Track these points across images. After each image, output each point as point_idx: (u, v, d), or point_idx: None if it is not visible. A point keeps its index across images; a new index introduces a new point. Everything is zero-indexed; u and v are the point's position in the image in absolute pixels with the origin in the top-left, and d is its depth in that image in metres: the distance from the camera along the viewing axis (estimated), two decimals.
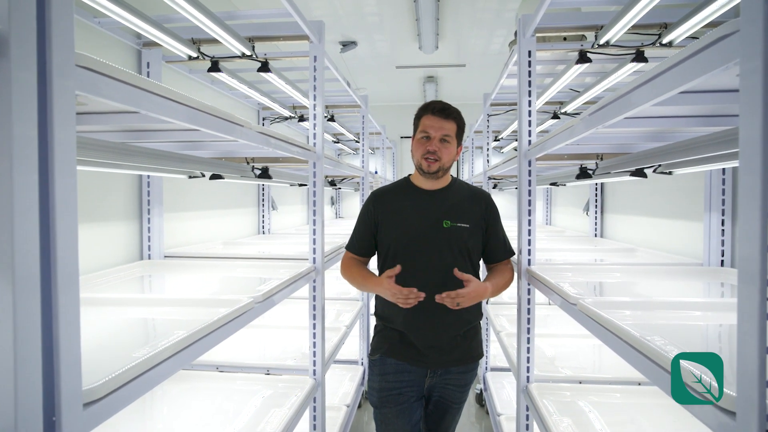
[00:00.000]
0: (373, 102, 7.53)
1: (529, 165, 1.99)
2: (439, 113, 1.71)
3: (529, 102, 1.99)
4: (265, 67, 2.40)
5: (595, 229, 3.74)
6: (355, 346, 3.98)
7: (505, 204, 7.15)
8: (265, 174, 2.38)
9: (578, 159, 2.19)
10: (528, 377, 2.00)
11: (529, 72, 1.98)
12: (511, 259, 1.93)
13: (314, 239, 2.11)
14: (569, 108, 3.44)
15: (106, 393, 0.83)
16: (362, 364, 3.84)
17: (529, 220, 1.99)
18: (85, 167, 1.40)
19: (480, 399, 3.62)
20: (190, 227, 2.97)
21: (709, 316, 1.40)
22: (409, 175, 1.89)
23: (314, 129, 2.10)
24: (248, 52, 2.26)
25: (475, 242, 1.78)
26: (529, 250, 2.00)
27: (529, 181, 1.99)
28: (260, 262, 2.28)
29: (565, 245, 3.23)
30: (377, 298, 1.84)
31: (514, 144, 6.32)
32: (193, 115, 1.15)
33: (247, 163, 2.32)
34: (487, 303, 3.54)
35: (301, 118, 4.24)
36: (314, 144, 2.11)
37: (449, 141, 1.73)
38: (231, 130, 1.34)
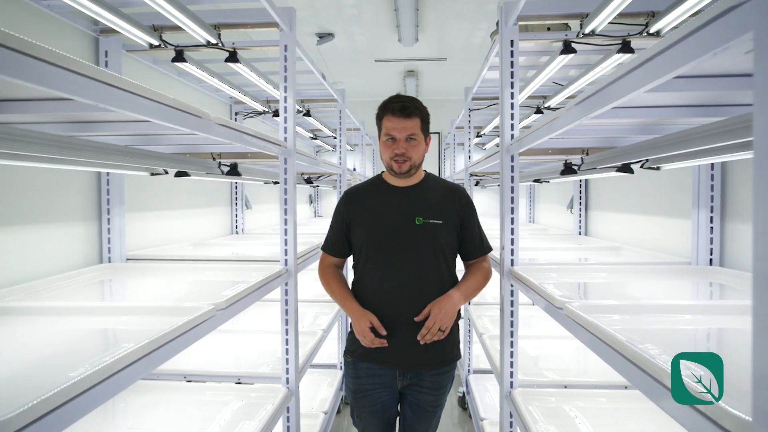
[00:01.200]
0: (352, 97, 7.37)
1: (512, 160, 1.90)
2: (400, 113, 1.65)
3: (512, 94, 1.90)
4: (233, 57, 2.26)
5: (580, 227, 3.69)
6: (334, 349, 3.86)
7: (487, 201, 7.09)
8: (233, 171, 2.24)
9: (563, 154, 2.11)
10: (512, 382, 1.92)
11: (512, 63, 1.88)
12: (494, 257, 1.83)
13: (285, 240, 1.99)
14: (553, 102, 3.36)
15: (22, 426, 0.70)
16: (341, 368, 3.72)
17: (512, 218, 1.90)
18: (18, 162, 1.25)
19: (462, 402, 3.54)
20: (156, 228, 2.81)
21: (702, 320, 1.32)
22: (382, 172, 1.84)
23: (285, 122, 1.97)
24: (214, 41, 2.12)
25: (449, 239, 1.74)
26: (512, 250, 1.91)
27: (512, 178, 1.90)
28: (230, 265, 2.15)
29: (548, 244, 3.16)
30: (354, 294, 1.79)
31: (497, 140, 6.26)
32: (139, 103, 1.02)
33: (213, 159, 2.17)
34: (469, 304, 3.46)
35: (276, 113, 4.09)
36: (285, 138, 1.98)
37: (416, 138, 1.69)
38: (186, 121, 1.21)
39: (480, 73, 2.72)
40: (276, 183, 4.18)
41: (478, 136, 5.40)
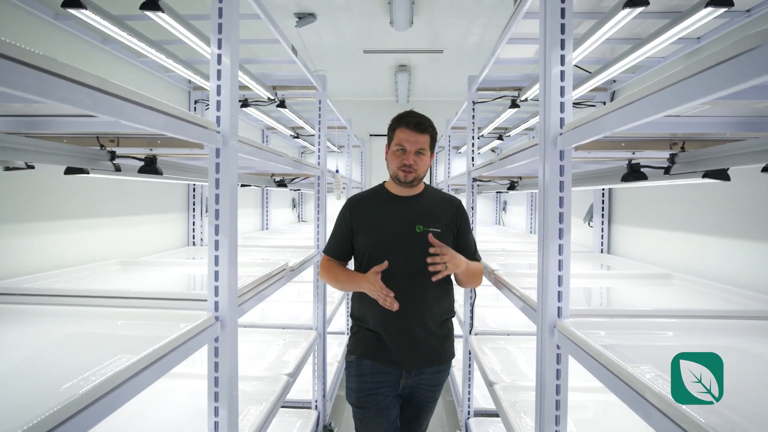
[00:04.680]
0: (340, 96, 6.72)
1: (561, 158, 1.26)
2: (415, 128, 1.77)
3: (562, 57, 1.26)
4: (153, 4, 1.58)
5: (601, 244, 3.07)
6: (308, 384, 3.17)
7: (481, 209, 6.50)
8: (150, 168, 1.54)
9: (629, 149, 1.43)
10: None
11: (563, 9, 1.24)
12: (529, 303, 1.19)
13: (216, 272, 1.31)
14: (612, 72, 2.33)
15: None
16: (316, 407, 3.05)
17: (560, 246, 1.26)
18: None
19: None
20: (69, 242, 2.12)
21: None
22: (384, 182, 1.95)
23: (218, 94, 1.30)
24: None
25: (447, 246, 1.78)
26: (560, 293, 1.27)
27: (561, 184, 1.25)
28: (133, 305, 1.46)
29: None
30: (353, 299, 1.91)
31: (493, 144, 5.64)
32: None
33: (102, 147, 1.45)
34: (471, 332, 2.82)
35: (245, 104, 3.42)
36: (218, 120, 1.32)
37: (424, 153, 1.81)
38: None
39: (500, 39, 2.07)
40: (244, 185, 3.52)
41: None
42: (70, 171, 1.46)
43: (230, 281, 1.35)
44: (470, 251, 1.89)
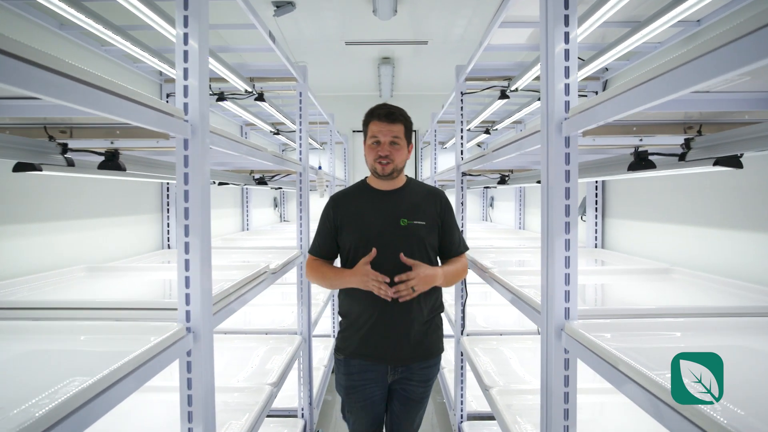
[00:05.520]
0: (322, 91, 6.53)
1: (567, 145, 1.15)
2: (385, 118, 1.77)
3: (566, 35, 1.15)
4: None
5: (595, 239, 3.00)
6: (293, 390, 3.04)
7: (468, 205, 6.41)
8: (111, 163, 1.38)
9: (640, 134, 1.31)
10: None
11: None
12: (533, 306, 1.09)
13: (187, 278, 1.17)
14: (607, 58, 2.21)
15: None
16: (303, 415, 2.92)
17: (567, 241, 1.15)
18: None
19: None
20: (31, 247, 1.95)
21: None
22: (366, 177, 1.95)
23: (185, 79, 1.16)
24: None
25: (432, 238, 1.84)
26: (567, 293, 1.16)
27: (567, 174, 1.14)
28: (96, 316, 1.31)
29: None
30: (340, 296, 1.90)
31: (480, 138, 5.55)
32: None
33: (51, 139, 1.28)
34: (462, 333, 2.72)
35: (221, 97, 3.25)
36: (186, 107, 1.17)
37: (399, 143, 1.80)
38: None
39: (488, 29, 1.96)
40: (222, 184, 3.35)
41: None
42: (19, 168, 1.30)
43: (203, 287, 1.21)
44: (454, 244, 1.89)
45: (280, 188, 5.27)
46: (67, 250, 2.20)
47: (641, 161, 1.34)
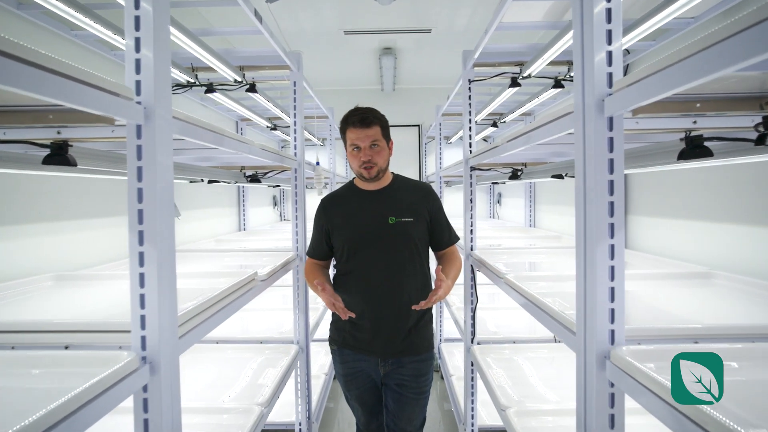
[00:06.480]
0: (321, 85, 6.27)
1: (610, 128, 0.92)
2: (360, 123, 1.80)
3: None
4: None
5: None
6: (290, 402, 2.82)
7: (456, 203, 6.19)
8: (59, 157, 1.16)
9: (705, 110, 1.07)
10: None
11: None
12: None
13: (142, 296, 0.95)
14: (633, 37, 2.07)
15: None
16: (300, 431, 2.71)
17: (612, 248, 0.92)
18: None
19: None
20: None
21: None
22: (353, 179, 1.99)
23: (137, 51, 0.94)
24: None
25: (421, 234, 1.88)
26: (612, 314, 0.93)
27: (611, 164, 0.92)
28: (43, 342, 1.09)
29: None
30: (335, 287, 1.90)
31: (487, 131, 5.29)
32: None
33: None
34: (472, 341, 2.49)
35: (210, 89, 3.03)
36: (138, 85, 0.95)
37: (378, 144, 1.83)
38: None
39: (502, 2, 1.73)
40: (211, 182, 3.14)
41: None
42: None
43: (164, 307, 0.99)
44: (444, 237, 1.95)
45: (278, 186, 5.06)
46: (37, 255, 1.99)
47: (695, 148, 1.11)
